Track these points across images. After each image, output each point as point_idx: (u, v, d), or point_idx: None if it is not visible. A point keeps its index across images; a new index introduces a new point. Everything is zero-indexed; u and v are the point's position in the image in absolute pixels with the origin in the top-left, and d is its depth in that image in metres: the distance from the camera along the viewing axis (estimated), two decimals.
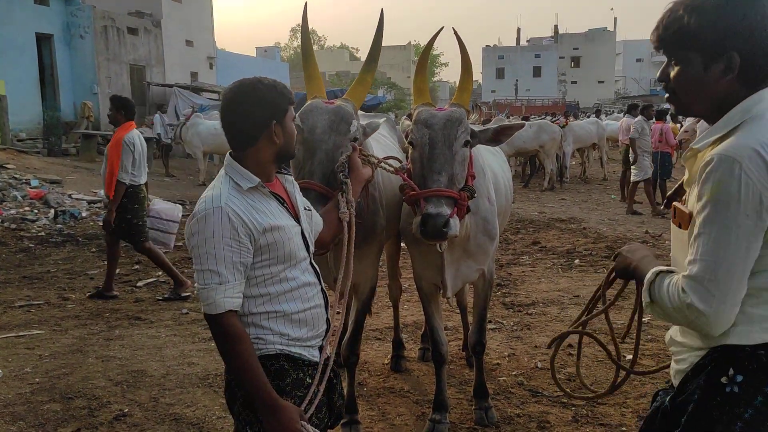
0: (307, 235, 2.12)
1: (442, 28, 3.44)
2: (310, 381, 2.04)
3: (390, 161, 2.97)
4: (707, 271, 1.44)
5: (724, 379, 1.52)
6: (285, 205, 2.06)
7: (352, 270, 3.32)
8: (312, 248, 2.15)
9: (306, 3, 3.09)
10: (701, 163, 1.49)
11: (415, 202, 2.85)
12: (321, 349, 2.11)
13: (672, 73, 1.61)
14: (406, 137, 3.03)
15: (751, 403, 1.48)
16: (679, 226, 1.61)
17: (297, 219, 2.09)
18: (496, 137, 3.14)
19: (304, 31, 3.10)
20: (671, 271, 1.58)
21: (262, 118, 1.97)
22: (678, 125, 15.20)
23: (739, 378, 1.50)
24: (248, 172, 1.98)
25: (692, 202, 1.55)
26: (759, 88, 1.52)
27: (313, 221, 2.24)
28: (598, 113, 15.23)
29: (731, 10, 1.48)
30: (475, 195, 2.97)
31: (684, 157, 1.66)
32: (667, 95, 1.67)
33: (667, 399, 1.68)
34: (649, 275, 1.60)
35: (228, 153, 2.04)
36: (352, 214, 2.40)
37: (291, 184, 2.18)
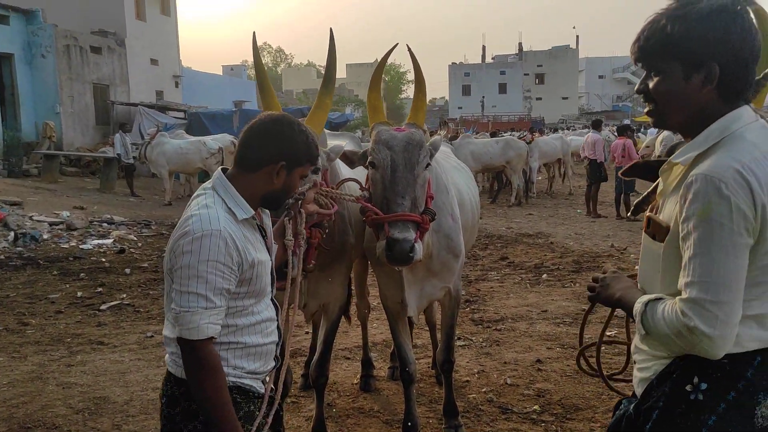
0: (273, 272, 2.09)
1: (396, 45, 3.39)
2: (258, 413, 2.01)
3: (350, 183, 2.95)
4: (709, 292, 1.43)
5: (688, 387, 1.55)
6: (265, 238, 2.04)
7: (322, 290, 3.30)
8: (275, 283, 2.12)
9: (254, 33, 3.07)
10: (684, 181, 1.51)
11: (378, 225, 2.83)
12: (264, 381, 2.07)
13: (651, 84, 1.63)
14: (366, 157, 3.00)
15: (714, 410, 1.52)
16: (653, 237, 1.62)
17: (269, 253, 2.06)
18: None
19: (258, 62, 3.08)
20: (659, 298, 1.56)
21: (275, 152, 1.92)
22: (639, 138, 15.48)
23: (704, 386, 1.53)
24: (244, 201, 1.92)
25: (668, 215, 1.57)
26: (736, 102, 1.55)
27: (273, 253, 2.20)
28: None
29: (715, 21, 1.51)
30: (436, 217, 2.96)
31: (661, 170, 1.68)
32: (646, 109, 1.68)
33: (631, 407, 1.70)
34: (637, 306, 1.58)
35: (220, 168, 1.98)
36: (300, 246, 2.33)
37: (267, 216, 2.16)
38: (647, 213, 1.68)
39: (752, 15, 1.55)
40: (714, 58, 1.52)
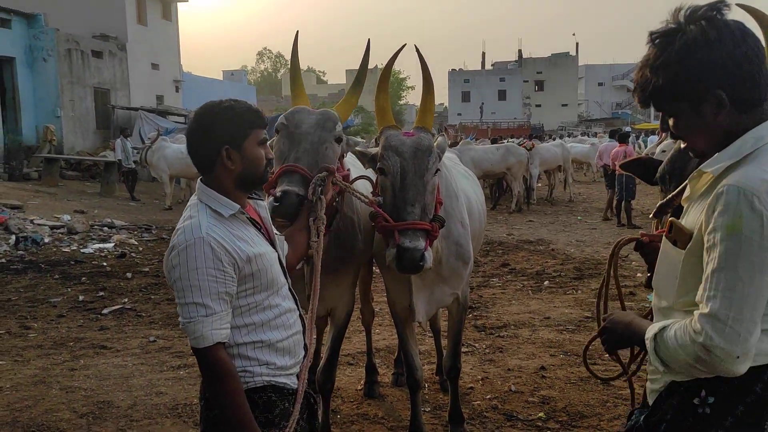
0: (283, 261, 2.09)
1: (404, 45, 3.33)
2: (293, 409, 2.02)
3: (362, 181, 2.96)
4: (732, 308, 1.40)
5: (696, 400, 1.54)
6: (261, 231, 2.04)
7: (329, 295, 3.30)
8: (288, 274, 2.13)
9: (297, 32, 3.11)
10: (712, 190, 1.48)
11: (388, 232, 2.81)
12: (298, 376, 2.08)
13: (671, 124, 1.62)
14: (375, 161, 2.97)
15: (722, 425, 1.51)
16: (674, 243, 1.60)
17: (273, 245, 2.06)
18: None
19: (294, 60, 3.13)
20: (664, 327, 1.53)
21: (213, 143, 1.92)
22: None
23: (711, 399, 1.52)
24: (226, 198, 1.93)
25: (691, 222, 1.55)
26: (758, 110, 1.52)
27: (283, 246, 2.21)
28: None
29: (698, 57, 1.49)
30: (445, 224, 2.94)
31: (690, 177, 1.65)
32: (683, 145, 1.67)
33: (642, 418, 1.70)
34: (649, 338, 1.55)
35: (199, 179, 2.01)
36: (321, 231, 2.36)
37: (264, 209, 2.16)
38: (671, 218, 1.65)
39: (731, 27, 1.50)
40: (715, 86, 1.50)
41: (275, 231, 2.18)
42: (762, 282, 1.40)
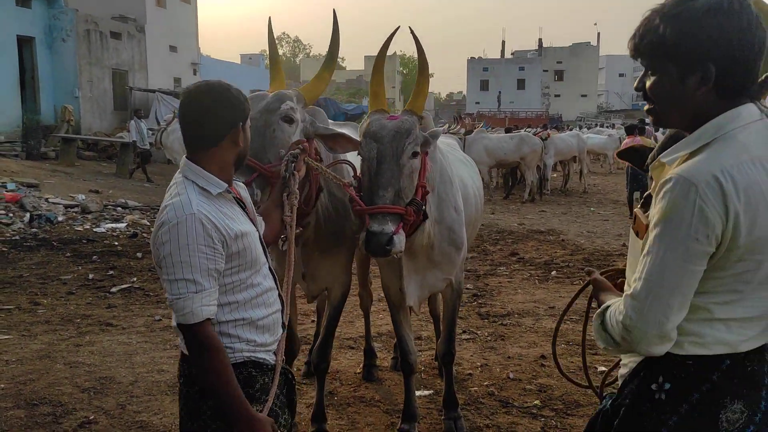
0: (262, 240, 2.11)
1: (398, 27, 3.26)
2: (272, 384, 2.04)
3: (343, 165, 2.96)
4: (651, 290, 1.43)
5: (653, 386, 1.55)
6: (245, 210, 2.06)
7: (324, 275, 3.34)
8: (268, 253, 2.15)
9: (270, 18, 3.10)
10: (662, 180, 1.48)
11: (361, 216, 2.82)
12: (275, 352, 2.10)
13: (648, 83, 1.58)
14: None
15: (676, 411, 1.52)
16: (637, 234, 1.61)
17: (254, 224, 2.08)
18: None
19: (271, 42, 3.18)
20: (607, 308, 1.59)
21: (230, 118, 1.95)
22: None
23: (667, 386, 1.53)
24: (214, 176, 1.94)
25: (652, 215, 1.55)
26: (736, 101, 1.49)
27: (261, 225, 2.23)
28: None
29: (709, 21, 1.44)
30: (421, 208, 2.89)
31: (651, 167, 1.65)
32: (646, 107, 1.65)
33: (608, 402, 1.72)
34: (598, 315, 1.61)
35: (185, 156, 2.01)
36: (294, 205, 2.38)
37: (243, 189, 2.18)
38: (636, 209, 1.66)
39: (754, 10, 1.47)
40: (709, 58, 1.46)
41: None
42: (685, 270, 1.41)
